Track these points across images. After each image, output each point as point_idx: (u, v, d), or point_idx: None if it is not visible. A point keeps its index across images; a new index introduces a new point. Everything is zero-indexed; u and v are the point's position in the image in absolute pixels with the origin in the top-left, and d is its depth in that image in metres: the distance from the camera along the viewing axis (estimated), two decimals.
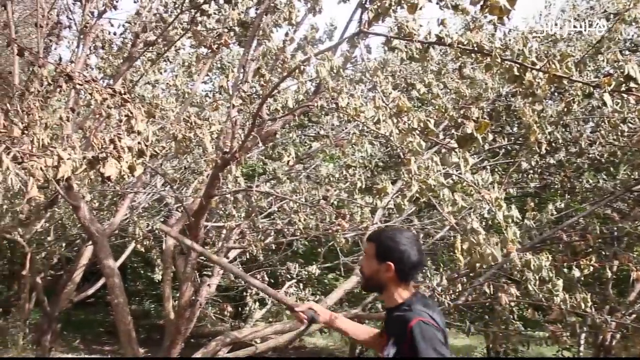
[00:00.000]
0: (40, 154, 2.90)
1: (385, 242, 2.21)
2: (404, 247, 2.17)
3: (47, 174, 2.98)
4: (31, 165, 2.93)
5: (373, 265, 2.22)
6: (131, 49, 5.03)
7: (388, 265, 2.16)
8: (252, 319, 6.23)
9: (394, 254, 2.17)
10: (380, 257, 2.19)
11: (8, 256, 12.40)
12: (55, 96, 4.57)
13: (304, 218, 4.98)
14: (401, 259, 2.16)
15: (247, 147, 4.21)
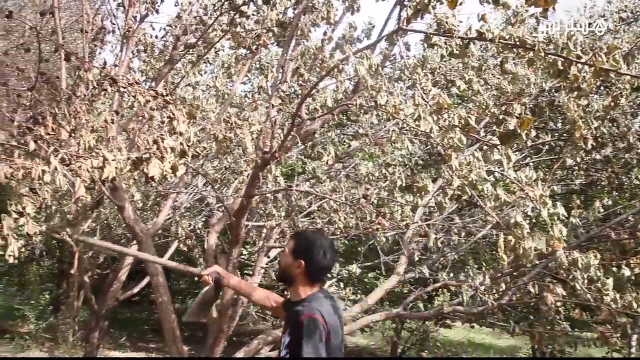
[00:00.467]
0: (86, 155, 2.98)
1: (302, 242, 2.46)
2: (316, 249, 2.38)
3: (93, 175, 3.07)
4: (78, 167, 3.01)
5: (288, 259, 2.45)
6: (172, 51, 5.12)
7: (299, 263, 2.38)
8: None
9: (306, 254, 2.38)
10: (295, 254, 2.41)
11: (57, 255, 12.80)
12: (100, 99, 4.68)
13: (344, 217, 4.97)
14: (311, 260, 2.37)
15: (286, 147, 4.23)
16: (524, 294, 4.62)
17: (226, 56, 6.04)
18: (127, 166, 2.87)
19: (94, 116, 4.02)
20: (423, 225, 4.91)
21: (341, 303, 6.33)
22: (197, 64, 5.49)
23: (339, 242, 6.78)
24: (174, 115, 3.22)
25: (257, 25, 4.74)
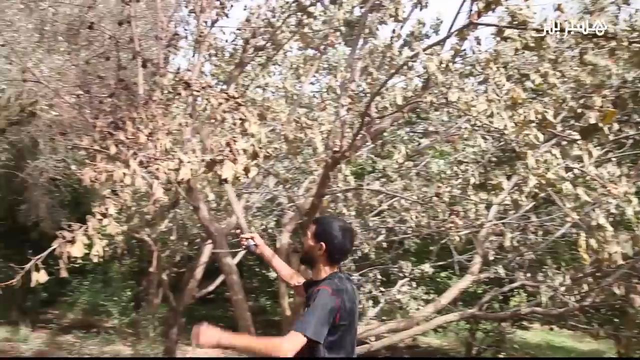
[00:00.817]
0: (163, 158, 3.08)
1: (323, 226, 2.62)
2: (336, 233, 2.56)
3: (169, 176, 3.17)
4: (155, 169, 3.13)
5: (310, 242, 2.61)
6: (242, 54, 5.21)
7: (320, 245, 2.55)
8: (365, 316, 6.23)
9: (327, 238, 2.55)
10: (317, 238, 2.57)
11: (137, 254, 13.35)
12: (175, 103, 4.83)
13: (416, 216, 4.90)
14: (332, 242, 2.54)
15: (356, 146, 4.22)
16: (608, 296, 4.39)
17: (294, 57, 6.09)
18: (201, 168, 2.95)
19: (169, 120, 4.15)
20: (498, 223, 4.76)
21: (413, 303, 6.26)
22: (266, 65, 5.57)
23: (410, 240, 6.69)
24: (245, 117, 3.28)
25: (325, 25, 4.75)
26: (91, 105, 5.64)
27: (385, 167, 5.17)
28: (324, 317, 2.34)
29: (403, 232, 5.64)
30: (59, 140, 9.06)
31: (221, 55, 5.79)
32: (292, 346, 2.32)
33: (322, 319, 2.33)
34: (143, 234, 8.80)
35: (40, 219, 11.57)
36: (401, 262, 6.26)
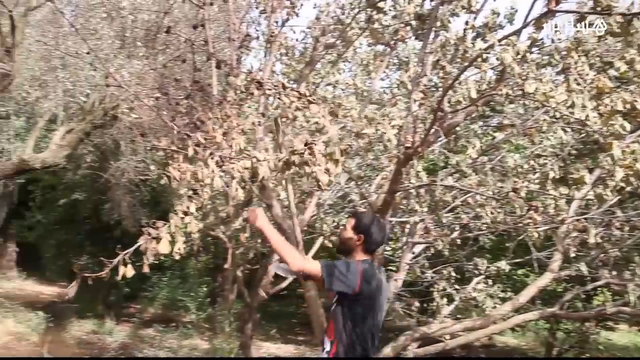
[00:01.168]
0: (239, 157, 3.16)
1: (362, 221, 2.98)
2: (373, 227, 2.94)
3: (244, 175, 3.25)
4: (232, 168, 3.21)
5: (349, 234, 2.96)
6: (312, 52, 5.25)
7: (359, 237, 2.91)
8: (439, 314, 6.14)
9: (365, 231, 2.91)
10: (356, 230, 2.93)
11: (213, 251, 13.73)
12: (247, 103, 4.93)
13: (491, 211, 4.78)
14: (369, 235, 2.91)
15: (429, 141, 4.15)
16: None
17: (364, 53, 6.08)
18: (278, 166, 3.00)
19: (242, 119, 4.24)
20: (581, 219, 4.55)
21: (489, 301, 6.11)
22: (336, 63, 5.58)
23: (485, 237, 6.53)
24: (317, 115, 3.30)
25: (395, 20, 4.70)
26: (168, 107, 5.84)
27: (458, 163, 5.06)
28: (342, 272, 2.76)
29: (478, 229, 5.50)
30: (138, 142, 9.46)
31: (292, 54, 5.86)
32: (303, 266, 2.84)
33: (339, 272, 2.75)
34: (218, 231, 9.05)
35: (122, 218, 12.13)
36: (476, 259, 6.12)
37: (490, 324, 5.51)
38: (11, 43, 7.57)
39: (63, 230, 14.08)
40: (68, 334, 11.64)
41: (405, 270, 5.73)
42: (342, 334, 2.81)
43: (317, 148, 2.93)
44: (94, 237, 13.70)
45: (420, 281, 6.53)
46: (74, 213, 13.85)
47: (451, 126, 4.38)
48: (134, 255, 2.93)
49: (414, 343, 5.74)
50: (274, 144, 5.38)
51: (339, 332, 2.82)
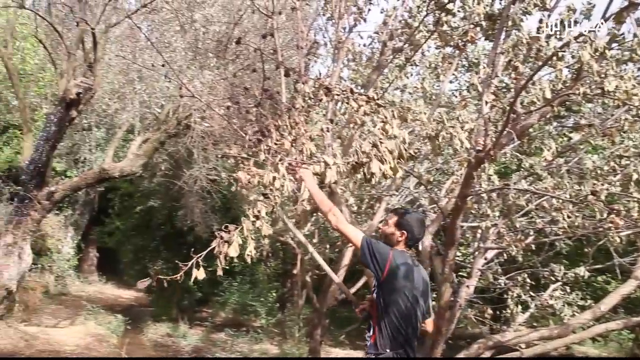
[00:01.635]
0: (309, 162, 3.20)
1: (405, 218, 3.21)
2: (415, 225, 3.22)
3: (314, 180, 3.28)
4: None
5: (392, 229, 3.22)
6: (379, 57, 5.24)
7: (402, 233, 3.18)
8: (514, 322, 5.96)
9: (408, 228, 3.18)
10: (399, 227, 3.19)
11: (281, 257, 13.91)
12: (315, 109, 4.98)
13: (568, 215, 4.60)
14: (412, 232, 3.18)
15: (501, 144, 4.05)
16: None
17: (432, 56, 6.01)
18: (347, 170, 3.01)
19: (310, 125, 4.29)
20: None
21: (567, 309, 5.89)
22: (404, 67, 5.56)
23: (562, 242, 6.30)
24: (386, 119, 3.29)
25: (464, 21, 4.63)
26: (239, 115, 5.99)
27: (533, 165, 4.91)
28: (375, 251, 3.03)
29: (554, 234, 5.31)
30: (210, 150, 9.74)
31: (359, 60, 5.87)
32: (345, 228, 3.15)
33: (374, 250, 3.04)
34: (287, 237, 9.16)
35: (194, 224, 12.49)
36: (552, 265, 5.91)
37: (568, 333, 5.29)
38: (93, 58, 8.00)
39: (139, 236, 14.63)
40: (145, 337, 12.07)
41: (477, 276, 5.60)
42: (380, 320, 3.05)
43: (383, 146, 2.93)
44: (168, 243, 14.16)
45: (493, 288, 6.37)
46: (150, 219, 14.38)
47: (524, 128, 4.25)
48: (206, 259, 3.02)
49: (487, 351, 5.59)
50: (342, 149, 5.41)
51: (378, 318, 3.07)
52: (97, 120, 12.82)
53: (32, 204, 9.42)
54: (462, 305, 5.36)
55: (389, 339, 3.00)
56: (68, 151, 14.29)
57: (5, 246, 9.26)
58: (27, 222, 9.48)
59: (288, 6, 5.39)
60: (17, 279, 9.54)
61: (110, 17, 8.33)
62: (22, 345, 9.23)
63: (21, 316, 10.96)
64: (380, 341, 3.02)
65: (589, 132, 4.84)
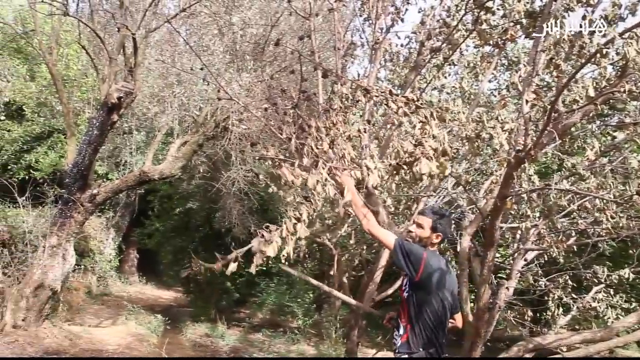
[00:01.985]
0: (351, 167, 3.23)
1: (440, 220, 3.28)
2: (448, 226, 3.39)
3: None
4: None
5: (427, 233, 3.29)
6: (417, 57, 5.22)
7: (438, 235, 3.28)
8: (555, 325, 5.85)
9: (443, 230, 3.29)
10: (434, 230, 3.27)
11: (318, 257, 13.94)
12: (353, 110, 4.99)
13: (612, 216, 4.50)
14: (445, 234, 3.33)
15: (542, 144, 3.99)
16: None
17: (471, 55, 5.95)
18: (388, 171, 3.02)
19: (348, 127, 4.30)
20: None
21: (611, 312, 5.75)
22: (442, 67, 5.52)
23: (605, 243, 6.16)
24: (426, 119, 3.29)
25: (503, 19, 4.58)
26: (276, 117, 6.04)
27: (575, 165, 4.81)
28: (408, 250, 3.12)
29: (597, 234, 5.20)
30: (248, 152, 9.84)
31: (396, 60, 5.86)
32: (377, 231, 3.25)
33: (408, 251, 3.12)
34: (324, 238, 9.18)
35: (232, 225, 12.63)
36: (595, 266, 5.78)
37: (612, 336, 5.17)
38: (133, 63, 8.18)
39: (178, 238, 14.86)
40: (184, 337, 12.26)
41: (516, 277, 5.52)
42: (412, 319, 3.16)
43: (427, 144, 2.93)
44: (207, 244, 14.35)
45: (533, 289, 6.26)
46: (188, 221, 14.60)
47: (566, 127, 4.18)
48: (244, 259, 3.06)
49: (528, 354, 5.51)
50: (379, 150, 5.40)
51: (410, 317, 3.18)
52: (137, 124, 13.09)
53: (76, 206, 9.68)
54: (501, 307, 5.29)
55: (422, 338, 3.13)
56: (109, 154, 14.64)
57: (50, 247, 9.55)
58: (70, 224, 9.75)
59: (325, 8, 5.42)
60: (61, 280, 9.82)
61: (150, 22, 8.51)
62: (67, 344, 9.48)
63: (65, 316, 11.27)
64: (413, 340, 3.14)
65: (634, 130, 4.72)
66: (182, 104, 10.46)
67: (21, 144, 15.01)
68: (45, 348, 8.85)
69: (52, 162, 14.46)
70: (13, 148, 14.99)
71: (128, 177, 10.61)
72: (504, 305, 5.47)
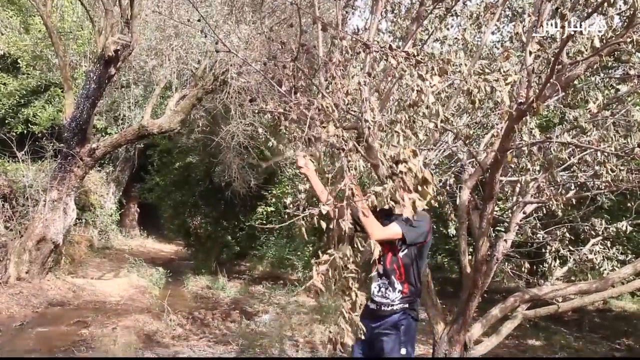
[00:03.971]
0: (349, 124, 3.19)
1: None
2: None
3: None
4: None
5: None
6: (419, 8, 5.11)
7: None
8: (551, 277, 5.94)
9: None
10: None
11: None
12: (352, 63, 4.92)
13: (612, 169, 4.51)
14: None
15: (544, 96, 3.96)
16: None
17: (474, 6, 5.83)
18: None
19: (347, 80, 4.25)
20: None
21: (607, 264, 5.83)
22: (444, 18, 5.41)
23: (604, 196, 6.19)
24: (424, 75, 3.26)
25: None
26: (275, 70, 5.97)
27: (577, 118, 4.79)
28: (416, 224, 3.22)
29: (596, 188, 5.22)
30: (247, 106, 9.77)
31: (398, 11, 5.74)
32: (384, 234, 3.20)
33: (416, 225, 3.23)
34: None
35: (232, 180, 12.66)
36: (593, 219, 5.83)
37: (607, 287, 5.26)
38: (130, 15, 8.03)
39: (179, 192, 14.93)
40: (185, 289, 12.47)
41: (515, 230, 5.57)
42: (411, 275, 3.39)
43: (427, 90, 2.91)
44: (207, 198, 14.44)
45: (531, 242, 6.33)
46: (188, 175, 14.64)
47: (570, 79, 4.13)
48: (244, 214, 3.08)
49: (524, 305, 5.62)
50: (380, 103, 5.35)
51: (409, 274, 3.39)
52: (135, 78, 12.95)
53: (75, 160, 9.69)
54: (499, 260, 5.36)
55: (419, 290, 3.48)
56: (108, 108, 14.55)
57: (51, 201, 9.60)
58: (70, 178, 9.78)
59: None
60: (62, 233, 9.91)
61: None
62: (71, 296, 9.65)
63: (68, 268, 11.43)
64: (413, 291, 3.43)
65: (638, 82, 4.68)
66: (180, 57, 10.32)
67: (18, 97, 14.90)
68: (50, 299, 9.01)
69: (50, 116, 14.38)
70: (10, 102, 14.88)
71: (127, 131, 10.57)
72: (502, 257, 5.54)
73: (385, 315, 3.42)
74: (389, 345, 3.33)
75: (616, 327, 10.23)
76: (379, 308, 3.45)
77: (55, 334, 7.20)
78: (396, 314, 3.40)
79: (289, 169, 13.05)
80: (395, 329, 3.37)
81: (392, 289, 3.41)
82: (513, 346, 8.23)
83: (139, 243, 19.87)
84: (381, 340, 3.37)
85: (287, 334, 8.19)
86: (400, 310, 3.40)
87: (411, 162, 2.83)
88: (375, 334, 3.41)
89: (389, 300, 3.42)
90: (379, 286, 3.46)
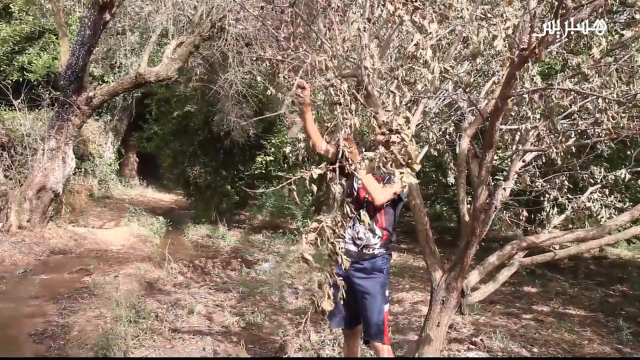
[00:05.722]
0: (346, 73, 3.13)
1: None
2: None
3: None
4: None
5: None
6: None
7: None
8: (549, 225, 5.97)
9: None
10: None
11: (317, 161, 13.99)
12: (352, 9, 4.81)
13: (613, 116, 4.46)
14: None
15: (547, 42, 3.87)
16: None
17: None
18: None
19: (346, 27, 4.17)
20: None
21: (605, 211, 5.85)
22: None
23: (604, 144, 6.16)
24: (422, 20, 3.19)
25: None
26: (273, 16, 5.83)
27: (579, 64, 4.70)
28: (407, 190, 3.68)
29: (596, 135, 5.18)
30: (245, 53, 9.62)
31: None
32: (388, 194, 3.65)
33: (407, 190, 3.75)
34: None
35: (231, 129, 12.60)
36: (592, 167, 5.81)
37: (604, 234, 5.28)
38: None
39: (177, 141, 14.87)
40: (186, 237, 12.60)
41: (514, 179, 5.56)
42: (390, 224, 3.81)
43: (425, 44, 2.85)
44: (206, 147, 14.39)
45: (529, 190, 6.34)
46: (187, 124, 14.55)
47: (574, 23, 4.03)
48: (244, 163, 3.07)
49: (521, 252, 5.66)
50: (380, 50, 5.26)
51: (389, 223, 3.81)
52: (130, 24, 12.69)
53: (72, 109, 9.61)
54: (497, 208, 5.38)
55: (392, 237, 3.90)
56: (104, 56, 14.33)
57: (50, 151, 9.58)
58: (68, 127, 9.73)
59: None
60: (62, 182, 9.94)
61: None
62: (72, 244, 9.76)
63: (69, 217, 11.52)
64: (390, 238, 3.87)
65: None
66: (176, 3, 10.09)
67: (12, 44, 14.66)
68: (52, 248, 9.12)
69: (46, 63, 14.19)
70: (4, 49, 14.65)
71: (124, 79, 10.45)
72: (501, 206, 5.55)
73: (366, 259, 3.76)
74: (376, 287, 3.71)
75: (611, 274, 10.38)
76: (360, 250, 3.78)
77: (58, 281, 7.31)
78: (377, 257, 3.77)
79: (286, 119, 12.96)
80: (379, 271, 3.78)
81: (372, 235, 3.75)
82: (509, 293, 8.38)
83: (139, 192, 19.96)
84: (363, 279, 3.75)
85: (286, 281, 8.31)
86: (380, 254, 3.78)
87: (404, 132, 2.79)
88: (353, 273, 3.77)
89: (370, 244, 3.76)
90: (362, 230, 3.76)
